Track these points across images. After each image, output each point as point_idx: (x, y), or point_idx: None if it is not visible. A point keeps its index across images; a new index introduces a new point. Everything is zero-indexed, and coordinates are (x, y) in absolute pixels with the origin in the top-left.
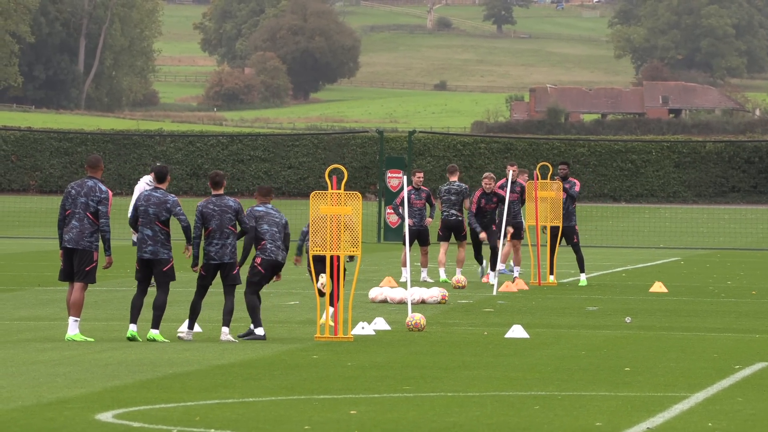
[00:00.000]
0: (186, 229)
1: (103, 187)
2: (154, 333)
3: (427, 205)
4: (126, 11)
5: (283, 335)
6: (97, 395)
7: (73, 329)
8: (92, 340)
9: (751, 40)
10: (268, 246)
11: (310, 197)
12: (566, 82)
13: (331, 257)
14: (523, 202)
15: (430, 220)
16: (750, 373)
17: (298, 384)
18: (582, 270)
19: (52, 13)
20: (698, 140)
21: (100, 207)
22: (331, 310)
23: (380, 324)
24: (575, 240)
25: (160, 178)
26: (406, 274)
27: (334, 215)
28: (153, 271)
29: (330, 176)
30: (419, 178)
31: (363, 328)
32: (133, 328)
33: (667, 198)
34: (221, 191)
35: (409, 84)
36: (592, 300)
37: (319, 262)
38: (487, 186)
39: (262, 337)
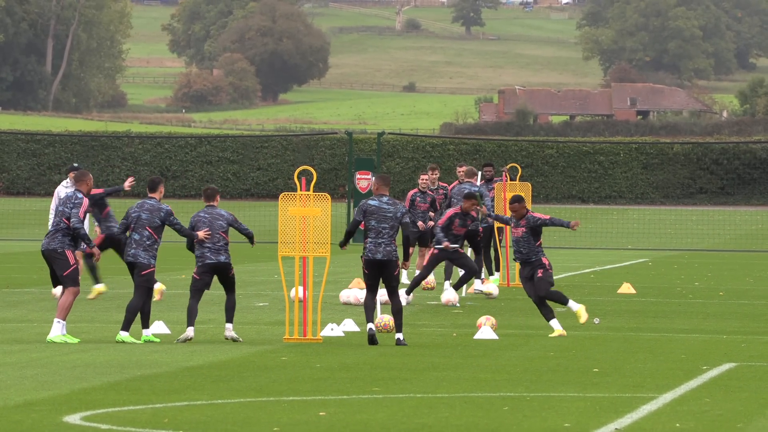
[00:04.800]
0: (181, 232)
1: (80, 195)
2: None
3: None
4: (94, 12)
5: (252, 337)
6: (64, 397)
7: (54, 331)
8: (75, 340)
9: (718, 42)
10: (368, 245)
11: (279, 199)
12: (535, 84)
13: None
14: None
15: (422, 224)
16: (717, 374)
17: (267, 386)
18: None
19: (19, 13)
20: (666, 142)
21: (72, 210)
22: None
23: (349, 325)
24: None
25: (151, 188)
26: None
27: (303, 217)
28: (132, 273)
29: (299, 178)
30: (424, 181)
31: (332, 329)
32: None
33: (635, 199)
34: (214, 203)
35: (377, 85)
36: None
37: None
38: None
39: (371, 332)
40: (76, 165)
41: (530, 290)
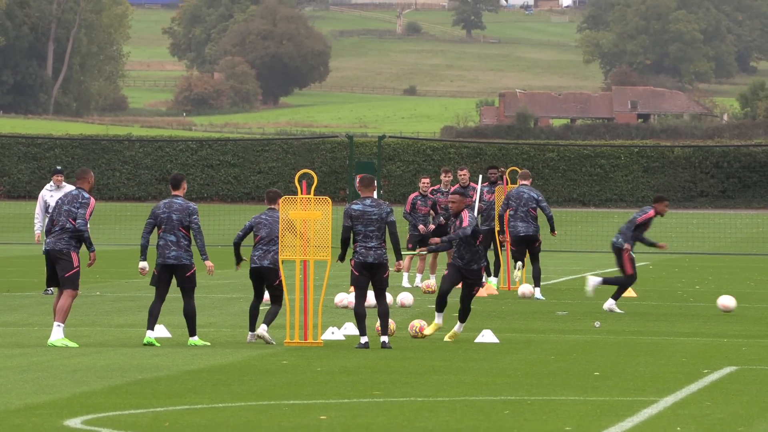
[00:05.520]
0: (196, 233)
1: (86, 194)
2: (194, 340)
3: (431, 212)
4: (94, 16)
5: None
6: (65, 401)
7: (55, 334)
8: (75, 345)
9: (719, 45)
10: (359, 249)
11: (280, 202)
12: (535, 87)
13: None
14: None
15: (423, 227)
16: (718, 377)
17: (268, 389)
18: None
19: (20, 17)
20: (667, 145)
21: (79, 210)
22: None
23: (350, 329)
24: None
25: (174, 185)
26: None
27: (304, 220)
28: (176, 276)
29: (300, 181)
30: (425, 184)
31: (333, 333)
32: (150, 335)
33: (636, 203)
34: (276, 206)
35: (378, 89)
36: (562, 304)
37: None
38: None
39: (365, 346)
40: (59, 168)
41: (449, 284)
